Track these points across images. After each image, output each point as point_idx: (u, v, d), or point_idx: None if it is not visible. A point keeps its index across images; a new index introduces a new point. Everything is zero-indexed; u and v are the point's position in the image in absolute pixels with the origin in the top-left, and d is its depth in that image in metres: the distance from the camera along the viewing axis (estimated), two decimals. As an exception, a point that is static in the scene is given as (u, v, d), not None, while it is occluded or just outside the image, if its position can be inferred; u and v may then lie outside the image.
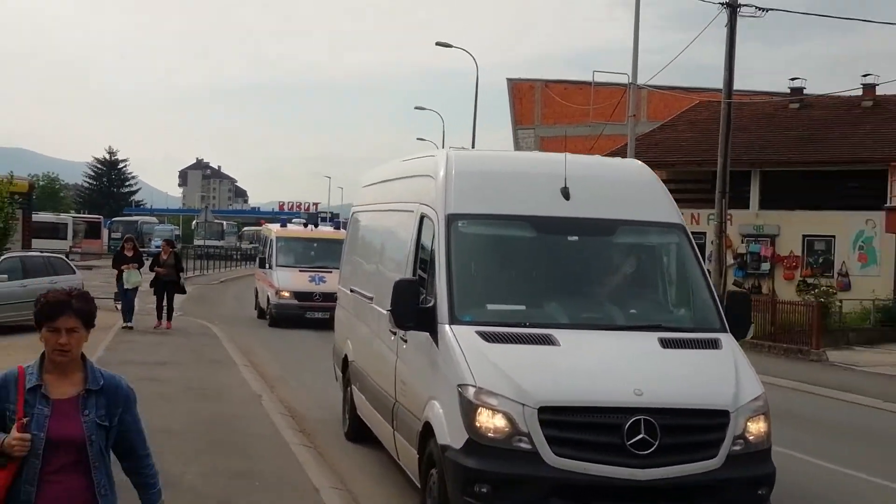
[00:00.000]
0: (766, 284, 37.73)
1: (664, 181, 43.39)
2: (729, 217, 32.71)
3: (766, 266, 38.41)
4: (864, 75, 41.60)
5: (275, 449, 11.45)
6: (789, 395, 19.79)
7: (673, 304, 10.62)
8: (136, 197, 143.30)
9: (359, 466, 11.51)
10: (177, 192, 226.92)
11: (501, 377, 8.24)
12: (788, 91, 44.62)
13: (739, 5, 30.21)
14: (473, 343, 8.61)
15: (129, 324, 23.58)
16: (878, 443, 15.18)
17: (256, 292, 32.30)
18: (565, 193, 9.83)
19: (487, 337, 8.66)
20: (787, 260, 38.00)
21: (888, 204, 33.54)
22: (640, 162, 12.23)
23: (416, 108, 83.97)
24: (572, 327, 9.27)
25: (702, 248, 38.41)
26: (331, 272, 25.19)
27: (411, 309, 9.13)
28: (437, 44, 55.04)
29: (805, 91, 43.89)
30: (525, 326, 9.07)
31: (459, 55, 64.63)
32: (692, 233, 10.89)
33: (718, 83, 32.10)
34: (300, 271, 28.36)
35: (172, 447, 10.57)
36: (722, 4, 30.32)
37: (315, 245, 30.51)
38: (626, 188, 10.70)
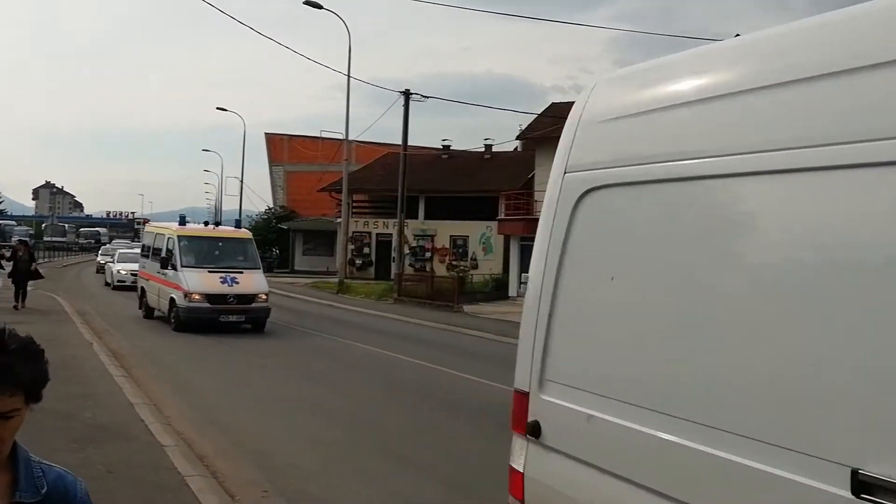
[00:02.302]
0: (428, 265, 38.72)
1: (367, 201, 43.18)
2: (406, 224, 33.44)
3: (429, 254, 39.45)
4: (486, 139, 43.73)
5: (103, 378, 10.83)
6: (440, 332, 20.17)
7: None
8: (2, 207, 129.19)
9: (161, 388, 11.07)
10: (31, 203, 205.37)
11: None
12: (442, 147, 46.11)
13: (410, 93, 31.08)
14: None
15: None
16: (493, 361, 15.78)
17: (144, 291, 20.48)
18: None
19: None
20: (441, 251, 39.15)
21: (499, 216, 35.11)
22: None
23: (203, 150, 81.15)
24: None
25: (389, 244, 39.44)
26: (242, 273, 18.12)
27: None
28: (217, 108, 53.05)
29: (451, 146, 45.53)
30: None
31: (234, 116, 62.35)
32: (384, 235, 11.37)
33: (400, 140, 32.86)
34: (209, 272, 17.90)
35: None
36: (400, 93, 31.12)
37: (220, 244, 19.27)
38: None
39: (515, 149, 42.01)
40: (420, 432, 8.89)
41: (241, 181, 57.47)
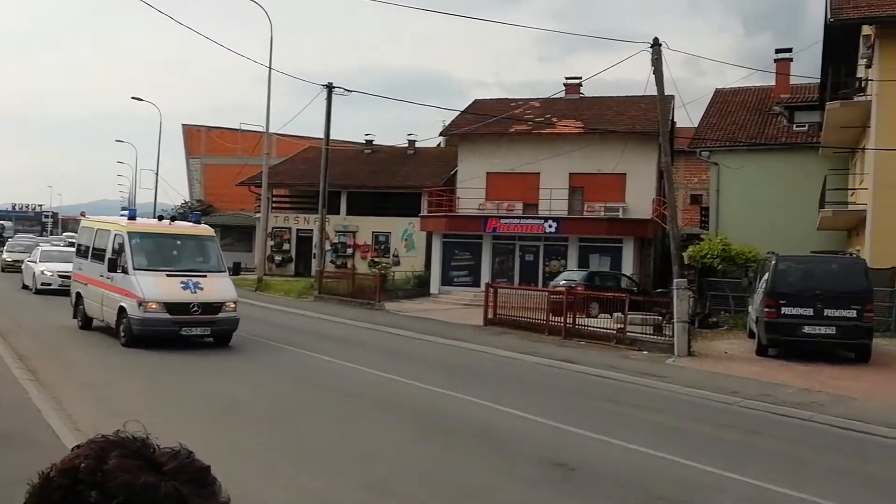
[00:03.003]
0: (350, 262, 38.50)
1: (288, 196, 42.63)
2: (328, 220, 33.16)
3: (350, 251, 39.22)
4: (409, 134, 43.70)
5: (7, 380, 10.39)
6: (362, 331, 20.12)
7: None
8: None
9: (65, 385, 10.70)
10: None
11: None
12: (364, 141, 45.87)
13: (333, 87, 30.82)
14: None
15: None
16: (409, 357, 15.77)
17: (80, 297, 17.17)
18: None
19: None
20: (363, 247, 38.94)
21: (421, 213, 35.20)
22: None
23: (117, 140, 78.56)
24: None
25: (310, 240, 39.02)
26: (206, 277, 15.34)
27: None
28: (133, 97, 51.34)
29: (374, 142, 45.34)
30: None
31: (150, 106, 60.43)
32: (305, 230, 11.35)
33: (322, 134, 32.56)
34: (168, 276, 15.02)
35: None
36: (323, 86, 30.82)
37: (179, 243, 16.23)
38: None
39: (438, 145, 42.14)
40: (338, 433, 8.86)
41: (157, 173, 55.95)
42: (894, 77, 20.45)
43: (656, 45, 17.88)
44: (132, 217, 16.78)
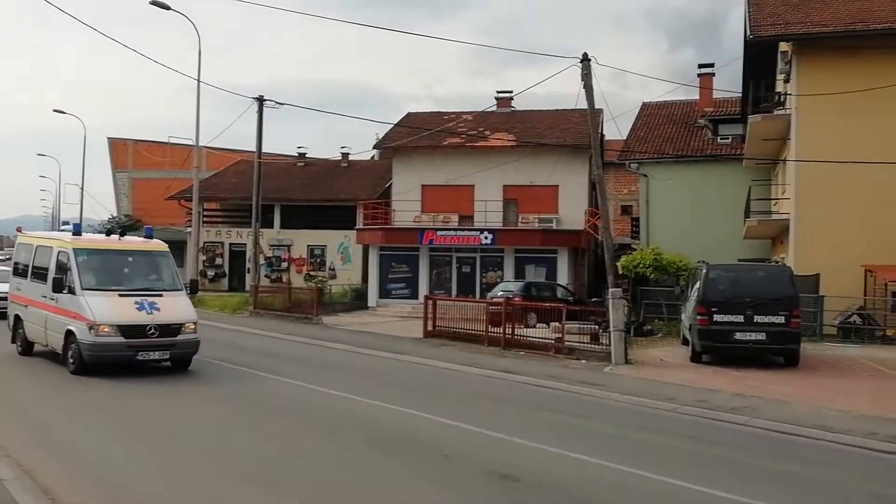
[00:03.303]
0: (285, 276, 38.01)
1: (219, 210, 42.01)
2: (261, 234, 32.63)
3: (285, 264, 38.68)
4: (342, 147, 43.46)
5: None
6: (299, 346, 19.85)
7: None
8: None
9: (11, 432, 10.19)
10: None
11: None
12: (297, 154, 45.40)
13: (264, 99, 30.42)
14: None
15: None
16: (349, 371, 15.68)
17: (19, 320, 15.91)
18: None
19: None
20: (298, 261, 38.48)
21: (357, 226, 34.97)
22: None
23: (39, 154, 75.90)
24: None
25: (243, 254, 38.33)
26: (162, 296, 14.06)
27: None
28: (55, 110, 49.62)
29: (307, 154, 44.91)
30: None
31: (73, 119, 58.57)
32: (238, 244, 11.16)
33: (253, 147, 32.07)
34: (120, 296, 13.79)
35: None
36: (254, 98, 30.38)
37: (130, 260, 14.96)
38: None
39: (372, 157, 42.01)
40: (273, 450, 8.65)
41: (82, 188, 54.14)
42: (811, 91, 21.34)
43: (585, 59, 18.20)
44: (77, 232, 15.31)
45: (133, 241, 15.65)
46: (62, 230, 15.50)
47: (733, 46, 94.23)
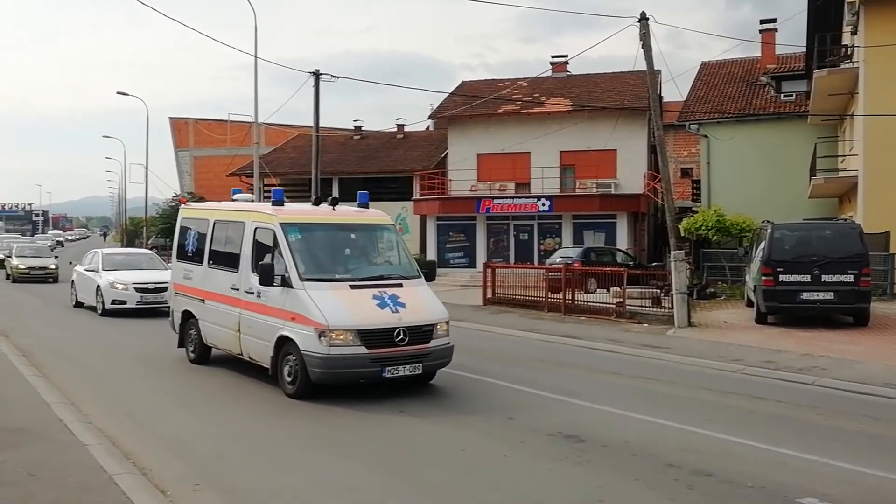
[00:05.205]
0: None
1: (279, 185, 42.40)
2: (320, 207, 32.99)
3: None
4: (398, 119, 43.50)
5: (14, 377, 10.35)
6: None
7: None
8: None
9: (70, 381, 10.67)
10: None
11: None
12: (353, 128, 45.67)
13: (320, 74, 30.59)
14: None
15: None
16: None
17: (190, 318, 12.18)
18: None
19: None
20: (357, 232, 38.83)
21: (414, 197, 35.13)
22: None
23: (104, 136, 77.90)
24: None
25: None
26: (402, 286, 10.11)
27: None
28: (118, 93, 50.79)
29: (363, 128, 45.13)
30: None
31: (135, 100, 60.06)
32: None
33: (310, 121, 32.36)
34: (352, 287, 9.76)
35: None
36: (310, 73, 30.58)
37: (353, 238, 11.06)
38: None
39: (427, 128, 41.98)
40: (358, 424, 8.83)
41: (146, 168, 55.42)
42: (880, 43, 20.46)
43: (644, 19, 17.81)
44: (279, 201, 10.98)
45: (349, 212, 11.57)
46: (235, 199, 12.76)
47: (794, 1, 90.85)
